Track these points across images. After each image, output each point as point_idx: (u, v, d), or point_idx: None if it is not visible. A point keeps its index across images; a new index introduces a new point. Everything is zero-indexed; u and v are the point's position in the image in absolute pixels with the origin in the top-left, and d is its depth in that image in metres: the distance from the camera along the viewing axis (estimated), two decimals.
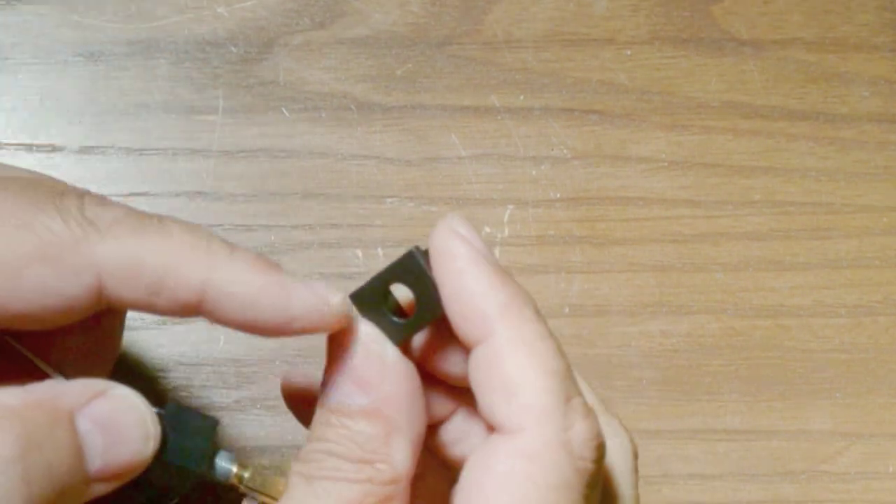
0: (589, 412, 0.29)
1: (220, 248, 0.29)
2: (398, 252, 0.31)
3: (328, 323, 0.29)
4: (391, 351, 0.30)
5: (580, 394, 0.29)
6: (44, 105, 0.45)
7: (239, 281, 0.29)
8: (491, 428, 0.29)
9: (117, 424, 0.29)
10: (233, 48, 0.47)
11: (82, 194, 0.30)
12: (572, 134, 0.47)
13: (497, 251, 0.46)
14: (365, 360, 0.29)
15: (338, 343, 0.30)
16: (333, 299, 0.29)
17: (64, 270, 0.28)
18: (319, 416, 0.30)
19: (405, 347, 0.30)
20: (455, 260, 0.29)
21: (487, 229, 0.46)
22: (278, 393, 0.34)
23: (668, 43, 0.48)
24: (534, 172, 0.47)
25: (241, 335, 0.43)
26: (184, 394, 0.43)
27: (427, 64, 0.47)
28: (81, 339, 0.32)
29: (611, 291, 0.46)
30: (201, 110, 0.46)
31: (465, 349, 0.30)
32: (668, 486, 0.44)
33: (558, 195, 0.46)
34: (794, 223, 0.47)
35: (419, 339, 0.32)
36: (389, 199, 0.46)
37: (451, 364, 0.32)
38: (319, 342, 0.30)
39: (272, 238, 0.45)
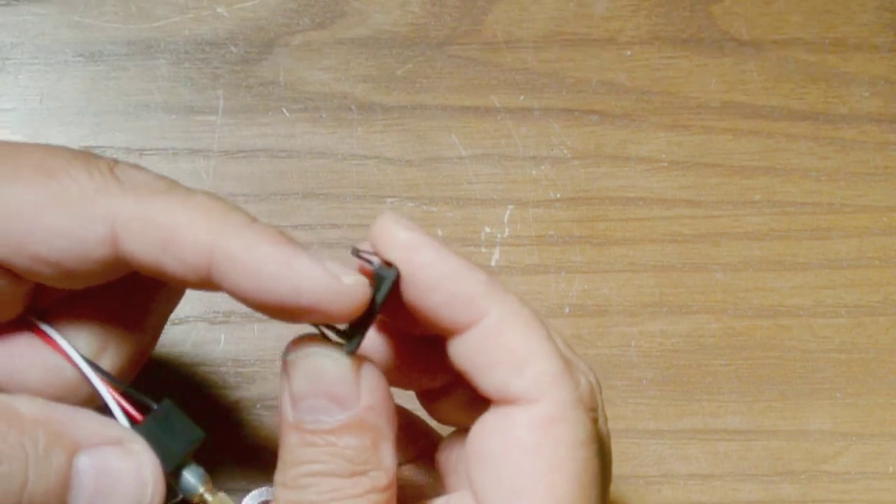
0: (580, 365, 0.30)
1: (238, 216, 0.29)
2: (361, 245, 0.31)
3: (340, 303, 0.28)
4: (356, 361, 0.29)
5: (566, 348, 0.30)
6: (44, 105, 0.45)
7: (247, 246, 0.28)
8: (485, 401, 0.29)
9: (115, 478, 0.28)
10: (233, 48, 0.47)
11: (118, 160, 0.30)
12: (572, 134, 0.47)
13: (497, 251, 0.46)
14: (338, 376, 0.28)
15: (298, 361, 0.29)
16: (347, 279, 0.28)
17: (80, 217, 0.28)
18: (292, 438, 0.29)
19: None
20: (422, 250, 0.29)
21: (487, 229, 0.46)
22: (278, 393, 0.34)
23: (668, 43, 0.48)
24: (534, 172, 0.47)
25: (241, 335, 0.43)
26: (184, 394, 0.43)
27: (427, 64, 0.47)
28: (115, 328, 0.32)
29: (611, 291, 0.46)
30: (201, 110, 0.46)
31: (437, 335, 0.30)
32: (668, 486, 0.44)
33: (558, 195, 0.46)
34: (794, 223, 0.47)
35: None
36: (389, 199, 0.46)
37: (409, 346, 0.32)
38: None
39: None
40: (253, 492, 0.40)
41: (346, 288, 0.28)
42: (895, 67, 0.49)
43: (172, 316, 0.35)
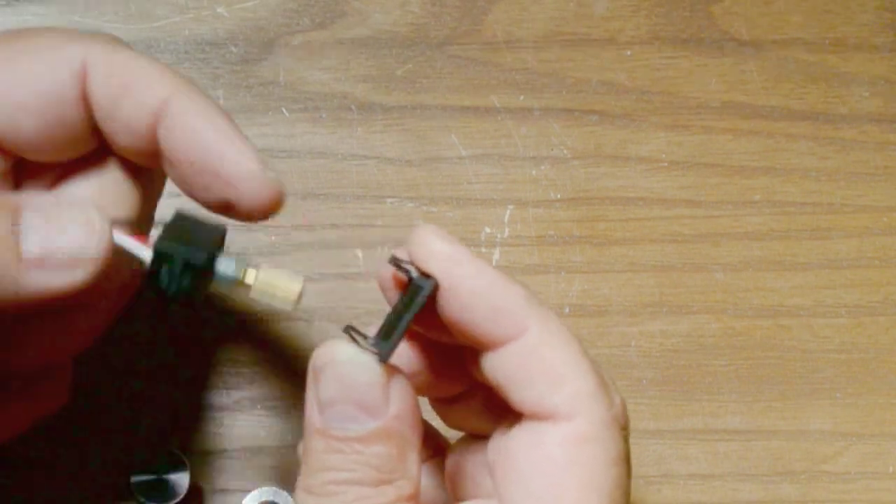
0: (609, 387, 0.30)
1: (197, 88, 0.32)
2: (397, 252, 0.31)
3: (257, 190, 0.30)
4: (387, 370, 0.29)
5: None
6: None
7: (198, 110, 0.31)
8: (515, 416, 0.29)
9: (60, 214, 0.29)
10: (233, 48, 0.47)
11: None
12: (572, 134, 0.47)
13: (497, 251, 0.46)
14: (368, 384, 0.28)
15: (328, 368, 0.29)
16: (270, 173, 0.31)
17: (53, 60, 0.31)
18: (318, 444, 0.29)
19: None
20: (464, 263, 0.29)
21: (487, 229, 0.46)
22: (278, 393, 0.34)
23: (668, 43, 0.48)
24: (534, 172, 0.47)
25: (242, 334, 0.43)
26: (185, 393, 0.43)
27: (427, 64, 0.47)
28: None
29: (611, 291, 0.46)
30: None
31: (473, 348, 0.30)
32: (668, 486, 0.44)
33: (558, 195, 0.46)
34: (794, 223, 0.47)
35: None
36: (389, 199, 0.46)
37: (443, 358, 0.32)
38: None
39: (272, 238, 0.45)
40: (253, 492, 0.40)
41: (266, 179, 0.31)
42: (895, 67, 0.49)
43: None
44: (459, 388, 0.33)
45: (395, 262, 0.30)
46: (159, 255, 0.30)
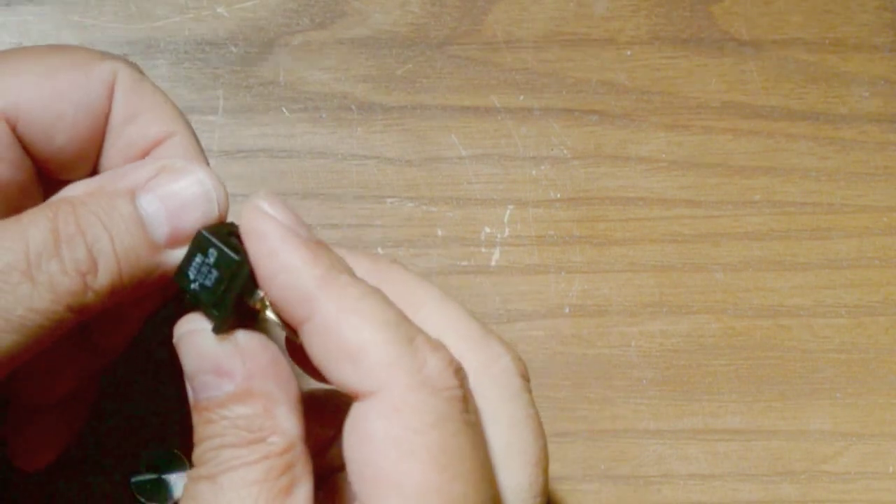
0: (436, 345, 0.29)
1: (190, 129, 0.34)
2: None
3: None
4: (238, 331, 0.30)
5: (420, 331, 0.29)
6: None
7: (183, 152, 0.34)
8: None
9: (179, 195, 0.31)
10: (233, 48, 0.47)
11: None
12: (572, 134, 0.47)
13: (497, 251, 0.46)
14: (216, 348, 0.29)
15: (182, 341, 0.30)
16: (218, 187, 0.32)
17: (89, 74, 0.33)
18: (195, 417, 0.30)
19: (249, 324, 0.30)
20: (265, 240, 0.29)
21: (487, 229, 0.46)
22: None
23: (668, 43, 0.48)
24: (534, 172, 0.47)
25: None
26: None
27: (427, 64, 0.47)
28: None
29: (611, 291, 0.46)
30: (201, 110, 0.46)
31: (292, 329, 0.30)
32: (668, 486, 0.44)
33: (558, 195, 0.46)
34: (794, 223, 0.47)
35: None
36: (389, 199, 0.46)
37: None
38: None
39: None
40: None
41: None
42: (895, 67, 0.49)
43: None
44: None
45: (206, 230, 0.30)
46: (199, 243, 0.30)
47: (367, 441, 0.28)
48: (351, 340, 0.28)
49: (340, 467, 0.31)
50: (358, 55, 0.47)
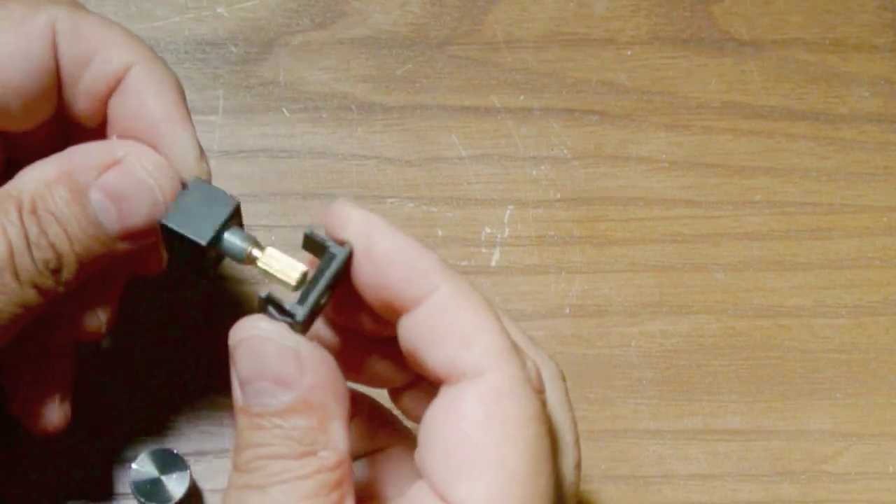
0: (523, 351, 0.30)
1: (152, 57, 0.34)
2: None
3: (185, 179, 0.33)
4: (302, 341, 0.29)
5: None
6: None
7: (148, 84, 0.33)
8: (437, 384, 0.29)
9: (127, 195, 0.32)
10: (233, 48, 0.47)
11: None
12: (572, 134, 0.47)
13: (497, 251, 0.46)
14: (280, 356, 0.29)
15: (241, 345, 0.29)
16: (198, 159, 0.33)
17: (23, 30, 0.32)
18: (242, 421, 0.29)
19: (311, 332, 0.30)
20: (382, 228, 0.30)
21: (487, 229, 0.46)
22: None
23: (668, 43, 0.48)
24: (534, 172, 0.47)
25: None
26: (185, 393, 0.43)
27: (427, 64, 0.47)
28: None
29: (611, 291, 0.46)
30: (201, 110, 0.46)
31: (388, 315, 0.30)
32: (668, 486, 0.44)
33: (558, 195, 0.46)
34: (794, 223, 0.47)
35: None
36: (389, 199, 0.46)
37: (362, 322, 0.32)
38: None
39: (272, 238, 0.44)
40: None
41: (198, 170, 0.34)
42: (895, 67, 0.49)
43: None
44: (402, 379, 0.33)
45: (310, 237, 0.30)
46: (166, 232, 0.31)
47: (462, 422, 0.28)
48: (469, 322, 0.29)
49: None
50: (358, 55, 0.47)
